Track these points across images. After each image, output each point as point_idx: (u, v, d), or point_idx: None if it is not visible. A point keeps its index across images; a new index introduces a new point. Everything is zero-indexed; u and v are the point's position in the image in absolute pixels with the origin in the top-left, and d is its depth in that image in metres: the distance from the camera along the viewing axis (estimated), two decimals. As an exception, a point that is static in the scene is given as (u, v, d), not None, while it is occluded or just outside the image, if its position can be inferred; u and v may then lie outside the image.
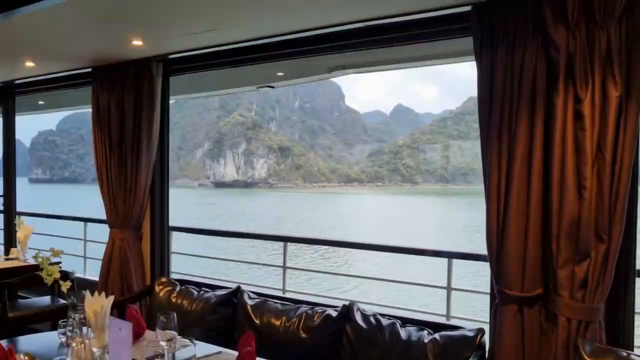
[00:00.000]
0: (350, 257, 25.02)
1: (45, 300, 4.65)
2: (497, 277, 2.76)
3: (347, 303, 3.32)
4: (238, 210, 49.56)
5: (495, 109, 2.67)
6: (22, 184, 5.61)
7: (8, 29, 3.41)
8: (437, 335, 2.93)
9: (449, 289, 3.82)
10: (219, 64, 4.08)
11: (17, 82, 5.28)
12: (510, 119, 2.64)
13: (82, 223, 5.76)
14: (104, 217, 4.50)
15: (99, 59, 4.16)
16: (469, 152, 69.96)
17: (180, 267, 4.98)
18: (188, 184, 68.76)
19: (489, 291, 2.99)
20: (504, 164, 2.67)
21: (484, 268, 2.96)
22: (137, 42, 3.60)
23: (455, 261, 3.79)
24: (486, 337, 2.87)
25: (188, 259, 5.56)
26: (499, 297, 2.77)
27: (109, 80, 4.28)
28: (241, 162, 73.15)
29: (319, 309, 3.35)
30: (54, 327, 4.39)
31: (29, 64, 4.35)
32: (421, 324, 3.10)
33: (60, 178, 76.99)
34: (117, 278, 4.33)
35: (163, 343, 2.36)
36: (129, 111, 4.19)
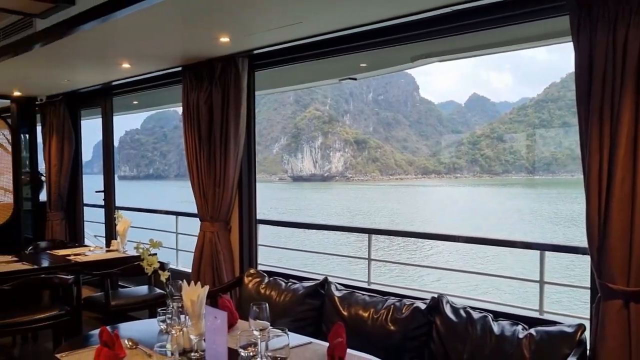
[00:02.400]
0: (429, 250, 24.65)
1: (143, 289, 4.90)
2: (599, 270, 2.61)
3: (435, 295, 3.27)
4: (317, 203, 50.02)
5: (595, 91, 2.51)
6: None
7: (106, 33, 3.59)
8: (532, 331, 2.82)
9: (541, 282, 3.66)
10: (302, 57, 4.12)
11: (114, 83, 5.58)
12: (613, 101, 2.46)
13: (174, 217, 6.00)
14: (187, 210, 4.64)
15: (188, 57, 4.31)
16: (552, 140, 66.84)
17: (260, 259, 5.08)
18: (266, 179, 70.21)
19: (588, 285, 2.84)
20: (606, 150, 2.49)
21: (578, 261, 2.81)
22: (224, 39, 3.70)
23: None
24: (586, 334, 2.73)
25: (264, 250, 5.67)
26: (601, 292, 2.62)
27: (198, 77, 4.42)
28: (318, 156, 73.69)
29: (407, 301, 3.31)
30: (151, 315, 4.63)
31: (125, 65, 4.59)
32: (514, 318, 2.99)
33: (146, 175, 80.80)
34: (209, 269, 4.48)
35: (256, 332, 2.41)
36: (216, 106, 4.31)
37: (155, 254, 2.96)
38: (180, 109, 4.82)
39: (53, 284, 4.24)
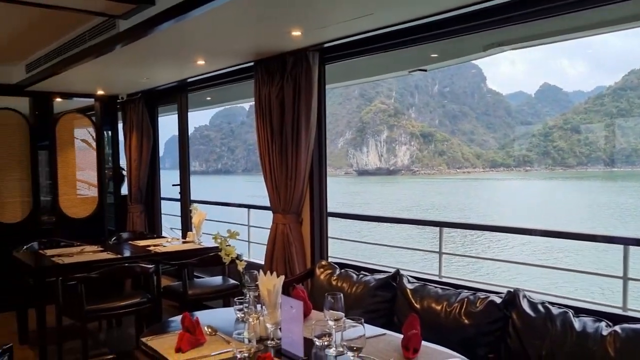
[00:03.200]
0: (498, 244, 23.99)
1: (218, 280, 5.06)
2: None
3: (511, 289, 3.19)
4: (385, 197, 49.68)
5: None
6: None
7: (183, 31, 3.73)
8: (617, 328, 2.70)
9: (625, 278, 3.50)
10: (372, 49, 4.10)
11: (188, 80, 5.78)
12: None
13: (246, 210, 6.15)
14: (256, 202, 4.71)
15: (260, 52, 4.39)
16: (632, 131, 63.14)
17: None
18: (331, 173, 70.39)
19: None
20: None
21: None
22: (296, 33, 3.75)
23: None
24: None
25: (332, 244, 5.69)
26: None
27: (269, 72, 4.50)
28: (383, 150, 73.11)
29: (481, 295, 3.25)
30: (225, 305, 4.78)
31: (200, 62, 4.74)
32: (597, 315, 2.87)
33: (214, 170, 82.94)
34: (281, 261, 4.57)
35: (331, 322, 2.44)
36: (288, 100, 4.37)
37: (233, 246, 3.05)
38: (247, 105, 4.93)
39: (135, 272, 4.47)
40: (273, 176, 4.61)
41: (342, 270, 4.07)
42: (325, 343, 2.41)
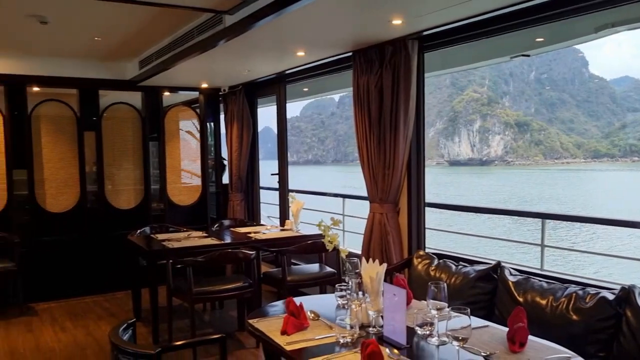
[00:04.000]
0: (608, 237, 22.56)
1: (315, 267, 5.17)
2: None
3: (625, 285, 3.01)
4: (479, 189, 48.18)
5: None
6: (274, 167, 6.39)
7: (285, 24, 3.82)
8: None
9: None
10: (473, 36, 4.00)
11: (287, 72, 5.92)
12: None
13: (341, 199, 6.21)
14: (346, 192, 4.69)
15: (359, 42, 4.41)
16: None
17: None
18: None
19: None
20: None
21: None
22: (396, 22, 3.73)
23: None
24: None
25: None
26: None
27: (368, 61, 4.51)
28: (476, 140, 70.85)
29: (590, 290, 3.09)
30: (321, 292, 4.88)
31: (300, 53, 4.84)
32: None
33: (305, 160, 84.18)
34: (377, 250, 4.59)
35: (433, 312, 2.43)
36: (386, 90, 4.36)
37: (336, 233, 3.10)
38: (337, 96, 4.96)
39: (238, 258, 4.66)
40: (371, 165, 4.63)
41: (441, 261, 4.03)
42: (427, 332, 2.41)
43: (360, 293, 2.74)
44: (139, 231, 5.53)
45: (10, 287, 5.70)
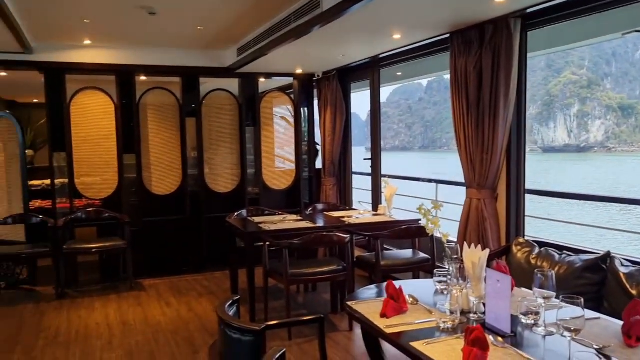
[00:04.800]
0: None
1: (407, 253, 5.13)
2: None
3: None
4: (577, 176, 45.57)
5: None
6: (360, 153, 6.36)
7: (382, 6, 3.77)
8: None
9: None
10: (583, 11, 3.76)
11: (381, 56, 5.87)
12: None
13: (434, 186, 6.10)
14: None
15: (457, 22, 4.28)
16: None
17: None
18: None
19: None
20: None
21: None
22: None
23: None
24: None
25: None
26: None
27: (466, 42, 4.37)
28: (573, 125, 66.95)
29: None
30: (414, 278, 4.85)
31: (396, 36, 4.78)
32: None
33: (391, 147, 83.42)
34: (474, 236, 4.48)
35: (540, 300, 2.34)
36: (486, 72, 4.22)
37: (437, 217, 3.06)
38: (425, 81, 4.85)
39: (333, 242, 4.71)
40: (468, 150, 4.51)
41: (542, 249, 3.86)
42: (532, 321, 2.33)
43: (461, 278, 2.70)
44: (236, 214, 5.73)
45: (120, 263, 6.13)
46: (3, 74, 6.46)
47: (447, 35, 4.60)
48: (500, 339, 2.27)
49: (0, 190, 6.18)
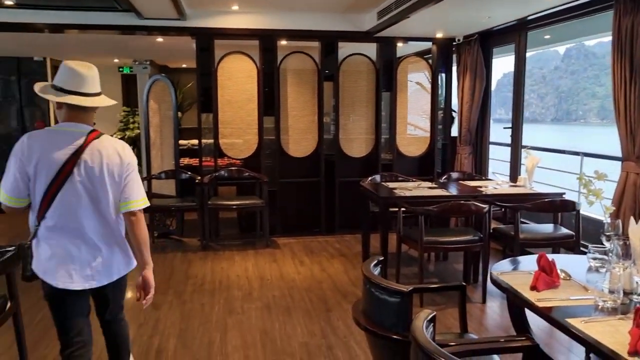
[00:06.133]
0: None
1: (548, 227, 4.86)
2: None
3: None
4: None
5: None
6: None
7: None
8: None
9: None
10: None
11: (529, 17, 5.49)
12: None
13: (578, 158, 5.68)
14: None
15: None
16: None
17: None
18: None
19: None
20: None
21: None
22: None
23: None
24: None
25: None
26: None
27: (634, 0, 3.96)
28: None
29: None
30: (553, 253, 4.58)
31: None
32: None
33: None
34: (629, 213, 4.11)
35: None
36: (657, 33, 3.80)
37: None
38: (562, 49, 4.43)
39: (471, 211, 4.58)
40: (628, 120, 4.11)
41: None
42: None
43: (625, 256, 2.50)
44: (369, 178, 5.78)
45: (257, 221, 6.46)
46: (160, 39, 6.96)
47: (613, -8, 4.18)
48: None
49: (154, 147, 6.75)
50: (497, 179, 5.99)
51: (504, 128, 6.36)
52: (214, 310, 4.37)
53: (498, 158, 6.94)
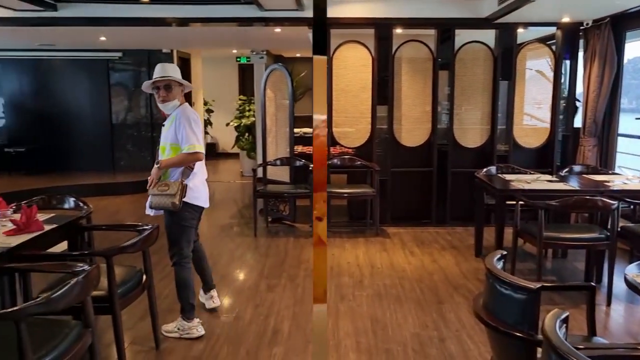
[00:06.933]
0: None
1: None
2: None
3: None
4: None
5: None
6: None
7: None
8: None
9: None
10: None
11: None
12: None
13: None
14: None
15: None
16: None
17: None
18: None
19: None
20: None
21: None
22: None
23: None
24: None
25: None
26: None
27: None
28: None
29: None
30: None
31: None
32: None
33: (629, 109, 72.05)
34: None
35: None
36: None
37: None
38: None
39: (597, 207, 4.33)
40: None
41: None
42: None
43: None
44: (484, 170, 5.62)
45: (367, 209, 6.51)
46: (277, 30, 7.19)
47: None
48: None
49: (270, 135, 7.01)
50: (626, 174, 5.58)
51: (636, 118, 5.89)
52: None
53: (626, 151, 6.45)
